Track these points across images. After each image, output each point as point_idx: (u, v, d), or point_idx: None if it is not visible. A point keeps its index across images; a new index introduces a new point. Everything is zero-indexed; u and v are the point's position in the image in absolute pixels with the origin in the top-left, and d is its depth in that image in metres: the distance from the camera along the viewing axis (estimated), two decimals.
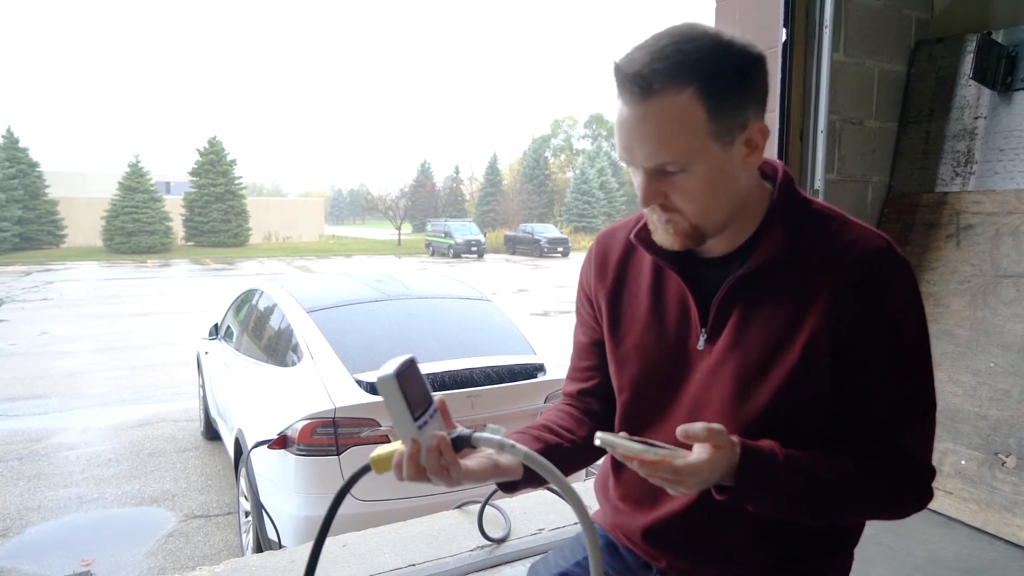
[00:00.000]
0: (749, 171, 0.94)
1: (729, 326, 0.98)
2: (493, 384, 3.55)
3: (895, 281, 0.92)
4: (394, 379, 0.84)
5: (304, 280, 5.13)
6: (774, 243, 0.95)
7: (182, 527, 4.43)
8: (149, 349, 10.28)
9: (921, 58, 2.53)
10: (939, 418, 2.11)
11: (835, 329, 0.91)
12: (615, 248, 1.13)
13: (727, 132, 0.88)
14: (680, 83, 0.85)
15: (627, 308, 1.09)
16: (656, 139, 0.87)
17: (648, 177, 0.91)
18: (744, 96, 0.88)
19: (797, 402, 0.94)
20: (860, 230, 0.96)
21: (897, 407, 0.93)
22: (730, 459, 0.86)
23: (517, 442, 1.00)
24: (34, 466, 5.50)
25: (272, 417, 3.54)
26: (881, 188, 2.57)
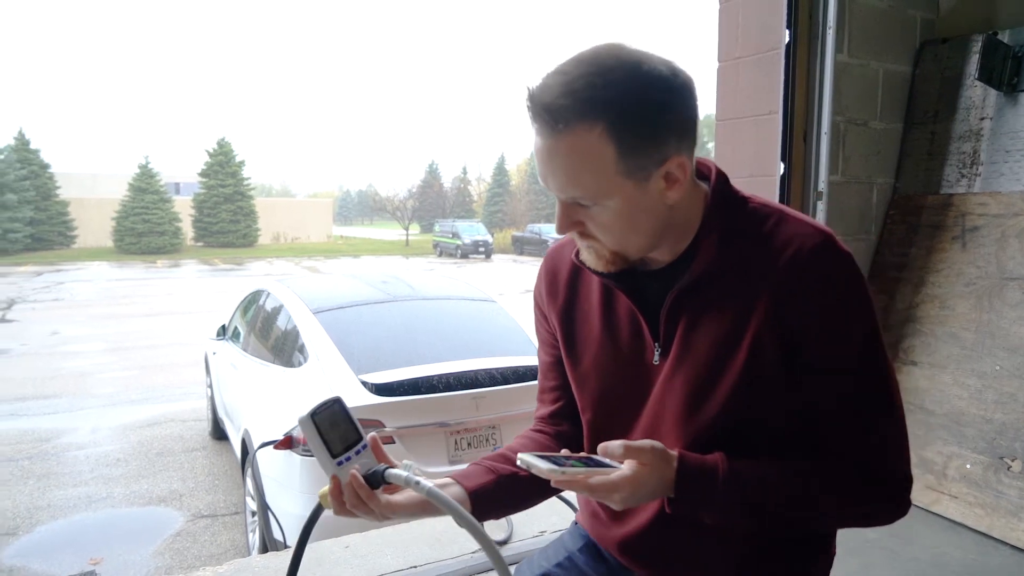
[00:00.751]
0: (671, 202, 0.89)
1: (677, 338, 0.96)
2: (498, 385, 3.55)
3: (836, 278, 0.88)
4: (309, 419, 0.90)
5: (310, 281, 5.15)
6: (711, 251, 0.92)
7: (189, 527, 4.46)
8: (158, 349, 10.34)
9: (926, 59, 2.51)
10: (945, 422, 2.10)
11: (779, 333, 0.89)
12: (563, 266, 1.11)
13: (640, 169, 0.84)
14: (589, 121, 0.81)
15: (580, 327, 1.07)
16: (565, 175, 0.85)
17: (563, 207, 0.90)
18: (660, 131, 0.84)
19: (749, 410, 0.92)
20: (798, 226, 0.91)
21: (851, 412, 0.90)
22: (662, 474, 0.86)
23: (471, 474, 1.04)
24: (44, 465, 5.54)
25: (278, 418, 3.55)
26: (886, 190, 2.56)
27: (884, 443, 0.91)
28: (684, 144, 0.87)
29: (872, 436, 0.90)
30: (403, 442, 3.31)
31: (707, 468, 0.88)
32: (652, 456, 0.85)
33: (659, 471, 0.85)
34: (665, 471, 0.86)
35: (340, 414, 0.93)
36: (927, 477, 2.16)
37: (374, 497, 0.91)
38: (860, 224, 2.51)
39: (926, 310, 2.30)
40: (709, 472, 0.88)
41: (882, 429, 0.91)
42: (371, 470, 0.92)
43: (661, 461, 0.86)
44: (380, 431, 3.26)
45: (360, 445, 0.94)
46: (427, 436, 3.39)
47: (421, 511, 0.95)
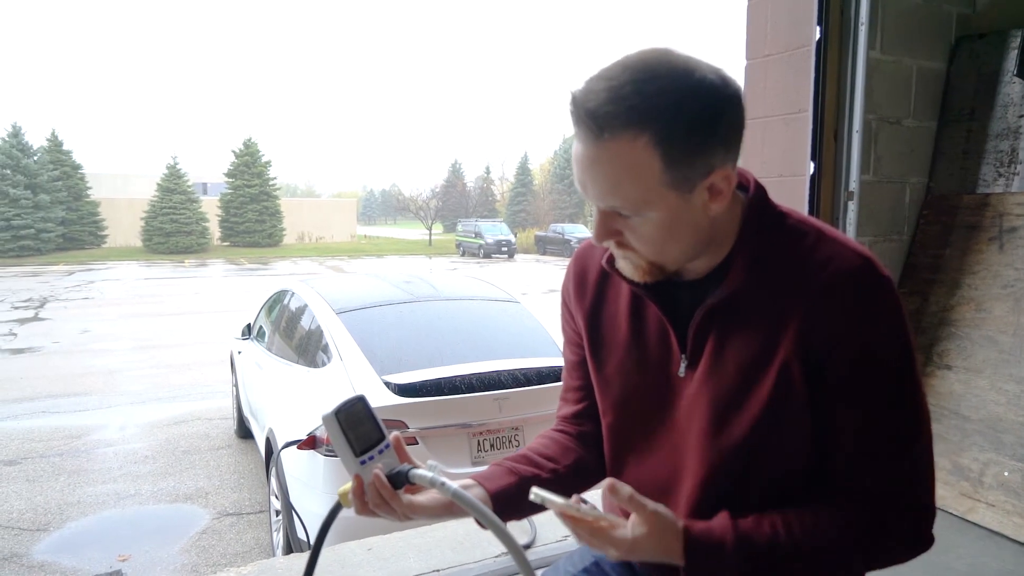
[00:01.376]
0: (713, 215, 0.87)
1: (706, 354, 0.93)
2: (521, 387, 3.53)
3: (871, 302, 0.84)
4: (333, 417, 0.90)
5: (334, 281, 5.18)
6: (744, 268, 0.89)
7: (215, 524, 4.50)
8: (185, 348, 10.48)
9: (962, 55, 2.44)
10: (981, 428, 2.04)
11: (806, 356, 0.86)
12: (592, 268, 1.09)
13: (684, 181, 0.81)
14: (635, 130, 0.78)
15: (607, 330, 1.06)
16: (607, 183, 0.82)
17: (602, 216, 0.87)
18: (708, 142, 0.81)
19: (774, 435, 0.89)
20: (836, 246, 0.88)
21: (876, 444, 0.86)
22: (665, 543, 0.84)
23: (492, 475, 1.03)
24: (74, 462, 5.64)
25: (301, 417, 3.57)
26: (919, 189, 2.50)
27: (910, 478, 0.88)
28: (730, 156, 0.84)
29: (895, 469, 0.87)
30: (426, 443, 3.31)
31: (714, 540, 0.86)
32: (655, 521, 0.83)
33: (660, 539, 0.83)
34: (668, 540, 0.84)
35: (363, 413, 0.93)
36: (963, 484, 2.10)
37: (396, 497, 0.91)
38: (892, 225, 2.45)
39: (961, 313, 2.24)
40: (717, 544, 0.86)
41: (908, 464, 0.87)
42: (395, 470, 0.92)
43: (664, 529, 0.83)
44: (403, 432, 3.26)
45: (383, 444, 0.94)
46: (450, 437, 3.38)
47: (444, 512, 0.95)
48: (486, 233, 32.79)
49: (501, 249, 32.22)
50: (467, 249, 33.80)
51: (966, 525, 2.07)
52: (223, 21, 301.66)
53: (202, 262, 29.85)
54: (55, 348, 10.51)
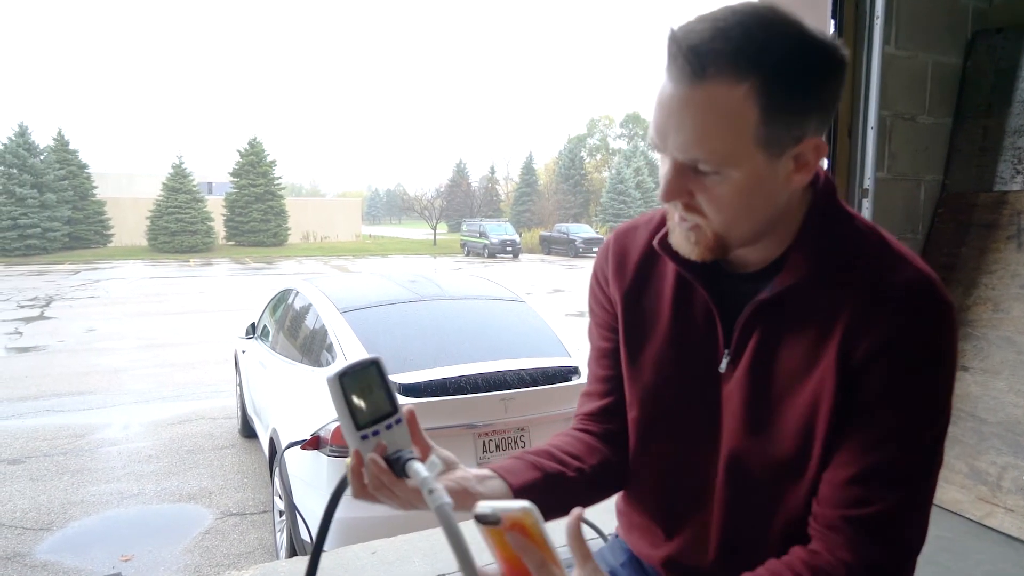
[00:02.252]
0: (793, 189, 0.81)
1: (747, 352, 0.88)
2: (527, 387, 3.50)
3: (926, 323, 0.78)
4: (336, 380, 0.76)
5: (338, 280, 5.15)
6: (803, 264, 0.83)
7: (218, 524, 4.47)
8: (190, 346, 10.48)
9: (979, 50, 2.40)
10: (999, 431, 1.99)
11: (844, 364, 0.80)
12: (634, 249, 1.01)
13: (777, 143, 0.75)
14: (739, 74, 0.72)
15: (646, 315, 0.98)
16: (695, 131, 0.75)
17: (676, 170, 0.79)
18: (809, 105, 0.75)
19: (807, 451, 0.84)
20: (900, 258, 0.82)
21: (876, 474, 0.79)
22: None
23: (515, 469, 0.95)
24: (78, 461, 5.63)
25: (305, 417, 3.54)
26: (935, 187, 2.45)
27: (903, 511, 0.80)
28: (823, 126, 0.79)
29: (894, 498, 0.79)
30: None
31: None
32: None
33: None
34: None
35: (375, 378, 0.79)
36: (980, 488, 2.06)
37: (398, 483, 0.80)
38: (906, 223, 2.41)
39: (978, 313, 2.19)
40: None
41: (917, 497, 0.81)
42: (396, 454, 0.79)
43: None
44: None
45: (393, 419, 0.80)
46: (455, 438, 3.35)
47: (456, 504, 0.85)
48: (491, 233, 32.77)
49: (506, 249, 32.19)
50: (472, 249, 33.79)
51: (983, 530, 2.02)
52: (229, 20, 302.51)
53: (207, 261, 29.89)
54: (60, 347, 10.52)
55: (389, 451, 0.80)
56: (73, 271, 24.34)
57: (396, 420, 0.81)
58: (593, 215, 51.84)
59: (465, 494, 0.86)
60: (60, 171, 33.40)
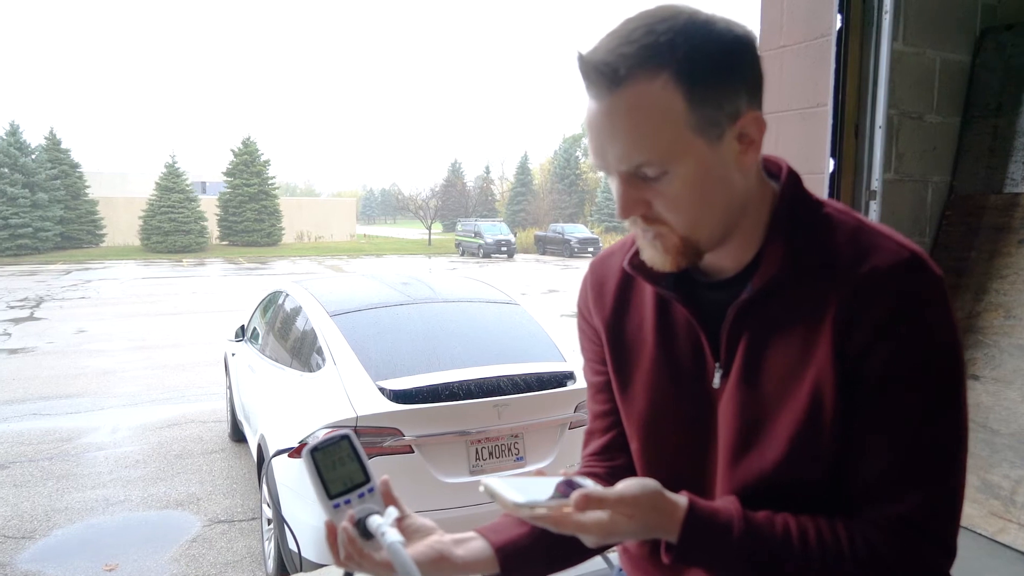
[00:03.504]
0: (746, 171, 0.79)
1: (737, 360, 0.84)
2: (521, 393, 3.41)
3: (918, 298, 0.75)
4: (309, 456, 0.82)
5: (329, 282, 5.05)
6: (778, 258, 0.80)
7: (206, 532, 4.37)
8: (181, 348, 10.36)
9: (988, 47, 2.32)
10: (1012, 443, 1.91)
11: (842, 356, 0.76)
12: (611, 276, 0.99)
13: (713, 124, 0.74)
14: (652, 68, 0.71)
15: (631, 342, 0.95)
16: (628, 136, 0.73)
17: (625, 184, 0.77)
18: (731, 81, 0.74)
19: (811, 447, 0.79)
20: (879, 238, 0.79)
21: (912, 464, 0.76)
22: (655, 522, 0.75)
23: (500, 526, 0.90)
24: (63, 466, 5.51)
25: (293, 424, 3.45)
26: (942, 188, 2.37)
27: (935, 508, 0.76)
28: (755, 101, 0.77)
29: (923, 498, 0.76)
30: (422, 451, 3.18)
31: (719, 523, 0.76)
32: (639, 503, 0.73)
33: (647, 519, 0.74)
34: (656, 519, 0.75)
35: (347, 451, 0.83)
36: (992, 503, 1.98)
37: (362, 550, 0.79)
38: (914, 225, 2.33)
39: (989, 319, 2.11)
40: (721, 527, 0.76)
41: (938, 490, 0.77)
42: (361, 516, 0.81)
43: (652, 508, 0.74)
44: (398, 440, 3.14)
45: (366, 488, 0.83)
46: (447, 445, 3.26)
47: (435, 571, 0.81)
48: (486, 233, 32.67)
49: (501, 249, 32.10)
50: (467, 249, 33.68)
51: (996, 547, 1.94)
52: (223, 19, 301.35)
53: (200, 261, 29.72)
54: (49, 348, 10.38)
55: (358, 516, 0.80)
56: (65, 271, 24.15)
57: (369, 489, 0.83)
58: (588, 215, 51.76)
59: (441, 559, 0.83)
60: (52, 170, 33.16)
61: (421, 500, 3.16)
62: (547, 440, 3.49)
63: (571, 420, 3.54)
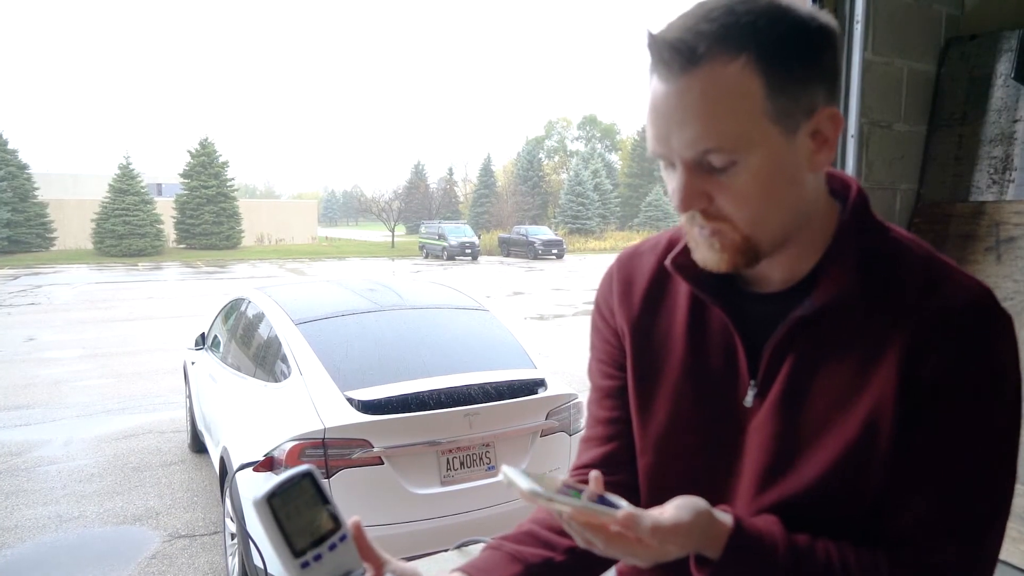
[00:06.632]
0: (816, 172, 0.74)
1: (780, 380, 0.78)
2: (492, 401, 3.37)
3: (993, 345, 0.72)
4: (265, 504, 0.67)
5: (293, 289, 4.94)
6: (843, 276, 0.75)
7: (166, 548, 4.23)
8: (137, 356, 10.05)
9: (952, 57, 2.36)
10: None
11: (906, 391, 0.72)
12: (641, 274, 0.92)
13: (789, 116, 0.69)
14: (732, 49, 0.67)
15: (658, 347, 0.88)
16: (700, 118, 0.68)
17: (689, 173, 0.71)
18: (812, 73, 0.70)
19: (850, 483, 0.75)
20: (951, 271, 0.76)
21: (950, 508, 0.72)
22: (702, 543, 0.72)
23: (491, 566, 0.85)
24: (13, 482, 5.29)
25: (258, 437, 3.35)
26: (910, 196, 2.40)
27: (971, 562, 0.73)
28: (833, 97, 0.73)
29: (962, 548, 0.72)
30: (392, 463, 3.12)
31: (765, 544, 0.73)
32: (691, 528, 0.70)
33: (695, 541, 0.71)
34: (704, 541, 0.72)
35: (310, 492, 0.70)
36: None
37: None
38: None
39: None
40: (768, 549, 0.73)
41: (976, 546, 0.73)
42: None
43: (703, 531, 0.71)
44: (368, 452, 3.07)
45: (336, 536, 0.70)
46: (418, 456, 3.20)
47: None
48: (450, 235, 32.55)
49: (465, 251, 32.01)
50: (431, 251, 33.51)
51: None
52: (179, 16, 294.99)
53: (156, 265, 28.98)
54: None
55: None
56: (12, 276, 23.30)
57: (340, 537, 0.70)
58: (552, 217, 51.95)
59: None
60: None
61: (391, 512, 3.10)
62: (519, 449, 3.45)
63: (543, 428, 3.51)
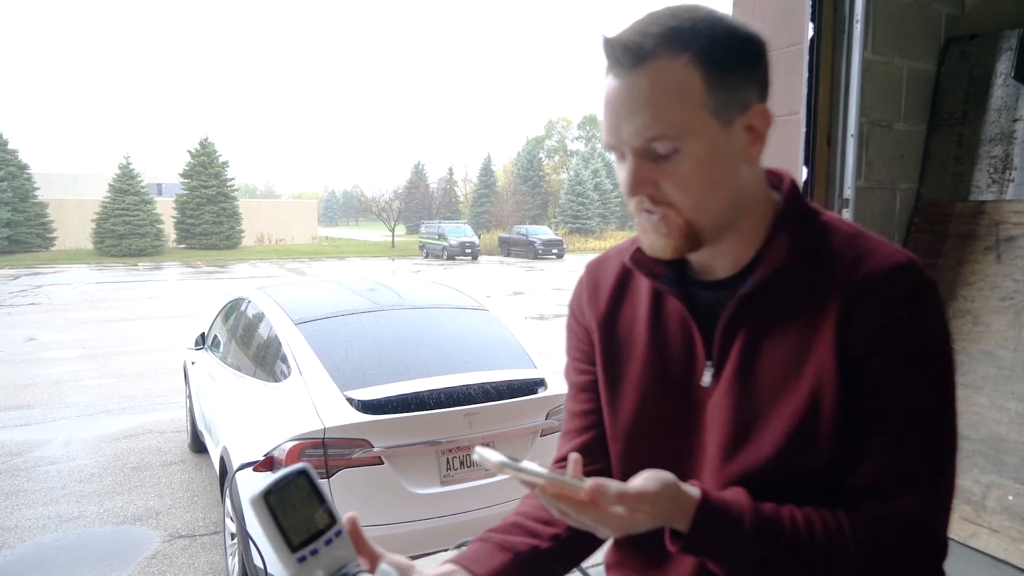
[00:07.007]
0: (751, 163, 0.83)
1: (732, 359, 0.85)
2: (492, 401, 3.37)
3: (917, 303, 0.79)
4: (261, 501, 0.70)
5: (293, 289, 4.94)
6: (780, 255, 0.83)
7: (166, 548, 4.23)
8: (137, 355, 10.05)
9: (952, 56, 2.35)
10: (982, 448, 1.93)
11: (844, 358, 0.79)
12: (607, 276, 1.01)
13: (725, 109, 0.78)
14: (676, 48, 0.77)
15: (623, 341, 0.96)
16: (647, 109, 0.77)
17: (637, 161, 0.80)
18: (745, 74, 0.80)
19: (805, 449, 0.80)
20: (877, 244, 0.83)
21: (904, 459, 0.78)
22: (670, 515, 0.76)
23: (481, 556, 0.89)
24: (13, 482, 5.29)
25: (258, 436, 3.35)
26: (909, 196, 2.40)
27: (932, 505, 0.79)
28: (764, 96, 0.83)
29: (921, 495, 0.78)
30: (392, 462, 3.12)
31: (732, 514, 0.77)
32: (659, 498, 0.75)
33: (664, 512, 0.75)
34: (673, 512, 0.76)
35: (305, 490, 0.72)
36: (963, 508, 2.00)
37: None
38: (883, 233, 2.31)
39: (957, 326, 2.14)
40: (734, 519, 0.77)
41: (934, 489, 0.79)
42: (340, 572, 0.72)
43: (670, 501, 0.75)
44: (367, 451, 3.07)
45: (332, 532, 0.73)
46: (417, 456, 3.20)
47: None
48: (450, 235, 32.54)
49: (465, 251, 31.99)
50: (431, 251, 33.50)
51: (969, 552, 1.96)
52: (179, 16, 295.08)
53: (157, 265, 28.98)
54: None
55: (333, 571, 0.72)
56: (12, 276, 23.30)
57: (336, 532, 0.73)
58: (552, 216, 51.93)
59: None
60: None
61: (391, 512, 3.10)
62: (519, 448, 3.45)
63: (543, 427, 3.51)
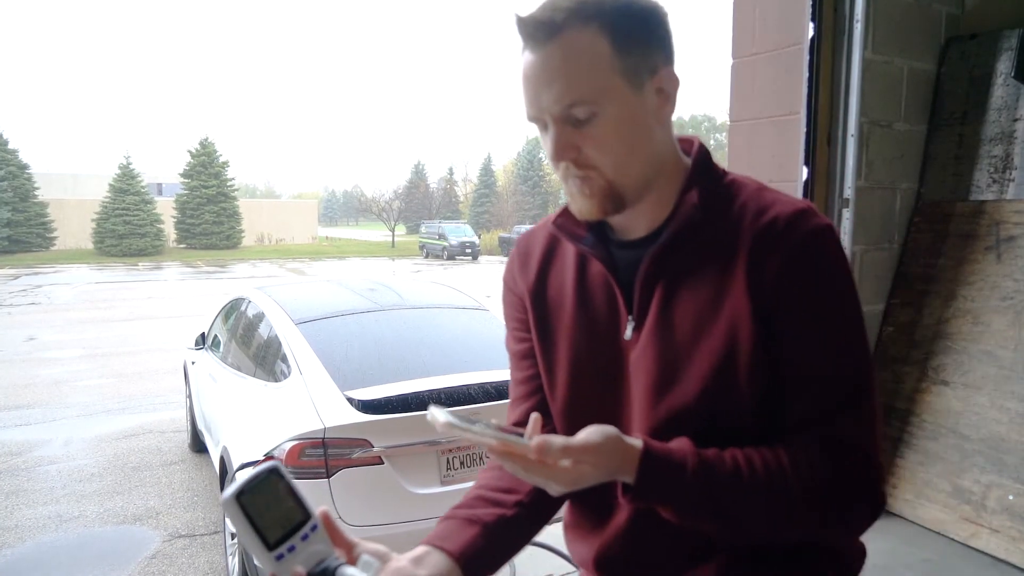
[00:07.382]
0: (663, 125, 0.89)
1: (651, 312, 0.90)
2: (492, 401, 3.36)
3: (815, 244, 0.84)
4: (234, 502, 0.70)
5: (293, 289, 4.94)
6: (689, 210, 0.88)
7: (166, 548, 4.23)
8: (137, 355, 10.05)
9: (953, 56, 2.35)
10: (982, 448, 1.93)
11: (756, 302, 0.84)
12: (536, 246, 1.05)
13: (635, 73, 0.84)
14: (584, 19, 0.82)
15: (553, 306, 1.01)
16: (563, 77, 0.83)
17: (558, 127, 0.85)
18: (650, 40, 0.86)
19: (726, 391, 0.85)
20: (777, 195, 0.90)
21: (827, 388, 0.84)
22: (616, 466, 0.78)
23: (450, 533, 0.91)
24: (13, 482, 5.29)
25: (258, 436, 3.35)
26: (910, 196, 2.40)
27: (862, 426, 0.84)
28: (670, 61, 0.88)
29: (850, 418, 0.83)
30: (392, 462, 3.12)
31: (674, 461, 0.80)
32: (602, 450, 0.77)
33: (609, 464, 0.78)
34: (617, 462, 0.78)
35: (278, 487, 0.73)
36: (963, 508, 2.00)
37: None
38: (882, 232, 2.35)
39: (958, 326, 2.14)
40: (677, 465, 0.80)
41: (859, 410, 0.84)
42: (320, 566, 0.72)
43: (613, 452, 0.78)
44: (367, 451, 3.07)
45: (308, 527, 0.74)
46: (418, 456, 3.19)
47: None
48: (450, 235, 32.54)
49: (465, 251, 31.99)
50: (431, 251, 33.50)
51: (969, 552, 1.96)
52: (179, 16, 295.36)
53: (157, 265, 28.99)
54: None
55: (312, 565, 0.72)
56: (12, 276, 23.31)
57: (312, 527, 0.74)
58: None
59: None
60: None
61: (391, 512, 3.09)
62: None
63: None
